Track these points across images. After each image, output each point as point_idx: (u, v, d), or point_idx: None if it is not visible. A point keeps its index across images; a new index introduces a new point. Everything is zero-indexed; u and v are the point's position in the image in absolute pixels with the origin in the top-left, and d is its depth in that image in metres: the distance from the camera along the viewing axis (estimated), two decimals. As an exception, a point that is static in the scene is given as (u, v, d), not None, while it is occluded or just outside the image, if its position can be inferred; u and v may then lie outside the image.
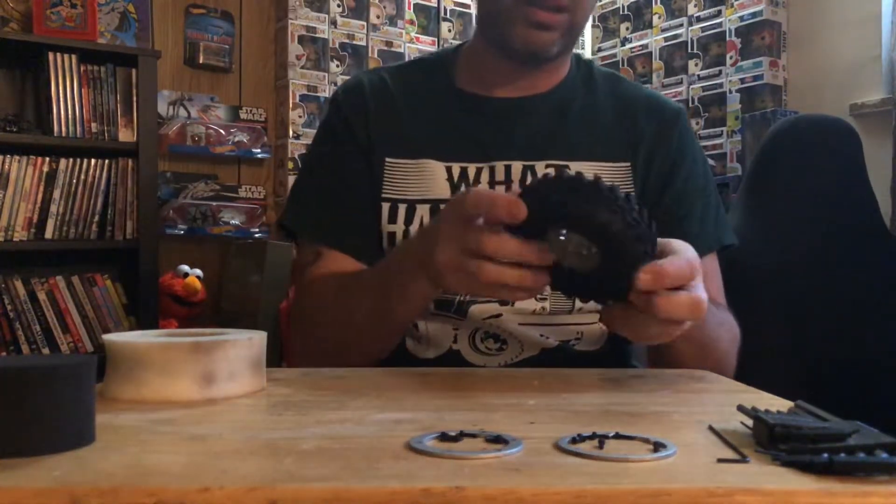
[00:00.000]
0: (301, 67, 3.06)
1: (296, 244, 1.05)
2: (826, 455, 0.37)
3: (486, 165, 0.95)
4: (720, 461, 0.40)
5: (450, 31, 3.39)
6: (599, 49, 3.33)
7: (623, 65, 3.20)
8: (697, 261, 0.63)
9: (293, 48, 3.06)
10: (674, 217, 0.95)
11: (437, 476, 0.36)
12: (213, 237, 2.91)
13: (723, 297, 0.98)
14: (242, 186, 3.02)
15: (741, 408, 0.48)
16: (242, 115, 3.06)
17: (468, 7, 3.44)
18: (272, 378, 0.64)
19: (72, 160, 2.50)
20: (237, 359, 0.58)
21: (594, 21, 3.32)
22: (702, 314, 0.62)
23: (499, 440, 0.43)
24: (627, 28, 3.21)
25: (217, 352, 0.57)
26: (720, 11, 2.82)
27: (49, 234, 2.46)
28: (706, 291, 0.93)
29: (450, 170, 0.95)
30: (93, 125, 2.54)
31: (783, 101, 2.70)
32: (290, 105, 3.03)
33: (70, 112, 2.50)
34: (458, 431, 0.45)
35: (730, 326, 0.89)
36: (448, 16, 3.40)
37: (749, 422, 0.45)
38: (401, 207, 0.94)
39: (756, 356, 0.92)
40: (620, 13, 3.24)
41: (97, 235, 2.54)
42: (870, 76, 2.46)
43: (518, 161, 0.94)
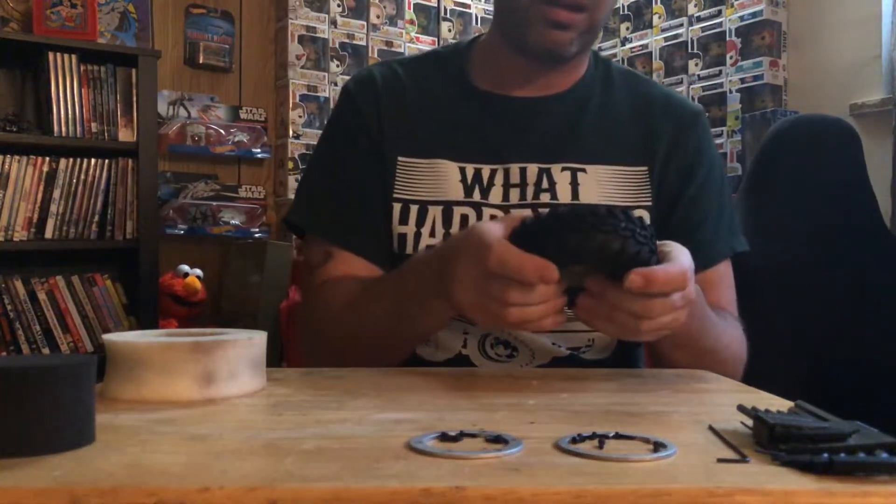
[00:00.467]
0: (301, 67, 3.06)
1: (302, 241, 1.03)
2: (826, 455, 0.37)
3: (501, 167, 0.93)
4: (720, 461, 0.40)
5: (450, 31, 3.39)
6: (600, 49, 3.33)
7: (623, 65, 3.20)
8: (691, 269, 0.64)
9: (293, 48, 3.06)
10: (689, 223, 0.94)
11: (437, 476, 0.36)
12: (213, 237, 2.91)
13: (734, 306, 0.96)
14: (242, 186, 3.02)
15: (741, 408, 0.48)
16: (242, 115, 3.06)
17: (468, 7, 3.44)
18: (272, 378, 0.64)
19: (72, 160, 2.50)
20: (237, 359, 0.58)
21: (594, 21, 3.31)
22: (677, 322, 0.64)
23: (499, 440, 0.43)
24: (627, 28, 3.20)
25: (217, 352, 0.57)
26: (720, 11, 2.82)
27: (49, 234, 2.46)
28: (718, 299, 0.93)
29: (463, 171, 0.93)
30: (93, 125, 2.54)
31: (783, 101, 2.70)
32: (291, 105, 3.03)
33: (70, 112, 2.50)
34: (459, 431, 0.45)
35: (730, 341, 0.88)
36: (448, 16, 3.40)
37: (749, 422, 0.45)
38: (412, 208, 0.92)
39: (756, 356, 0.92)
40: (620, 13, 3.23)
41: (97, 235, 2.54)
42: (870, 76, 2.46)
43: (533, 163, 0.93)
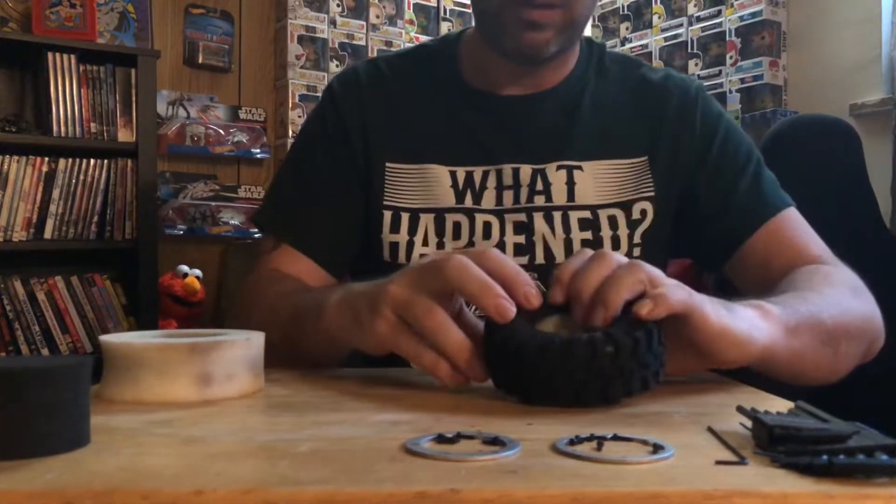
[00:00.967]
0: (300, 67, 3.06)
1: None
2: (825, 457, 0.37)
3: (493, 168, 0.91)
4: (718, 463, 0.39)
5: (449, 31, 3.39)
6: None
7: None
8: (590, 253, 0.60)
9: (293, 48, 3.05)
10: (718, 189, 0.90)
11: (434, 478, 0.36)
12: (213, 237, 2.91)
13: (813, 247, 0.89)
14: (242, 186, 3.02)
15: (740, 408, 0.47)
16: (242, 116, 3.06)
17: (468, 7, 3.44)
18: (270, 379, 0.64)
19: (71, 160, 2.50)
20: (235, 360, 0.58)
21: (594, 21, 3.32)
22: (672, 293, 0.54)
23: (496, 442, 0.43)
24: (627, 28, 3.20)
25: (214, 353, 0.56)
26: (720, 11, 2.82)
27: (48, 235, 2.46)
28: (794, 249, 0.86)
29: (454, 174, 0.90)
30: (92, 125, 2.54)
31: (783, 101, 2.70)
32: (290, 105, 3.03)
33: (69, 112, 2.50)
34: (456, 433, 0.44)
35: (837, 320, 0.75)
36: (448, 15, 3.40)
37: (748, 423, 0.45)
38: (403, 216, 0.90)
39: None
40: (620, 13, 3.23)
41: (96, 236, 2.54)
42: (870, 76, 2.46)
43: (527, 164, 0.90)
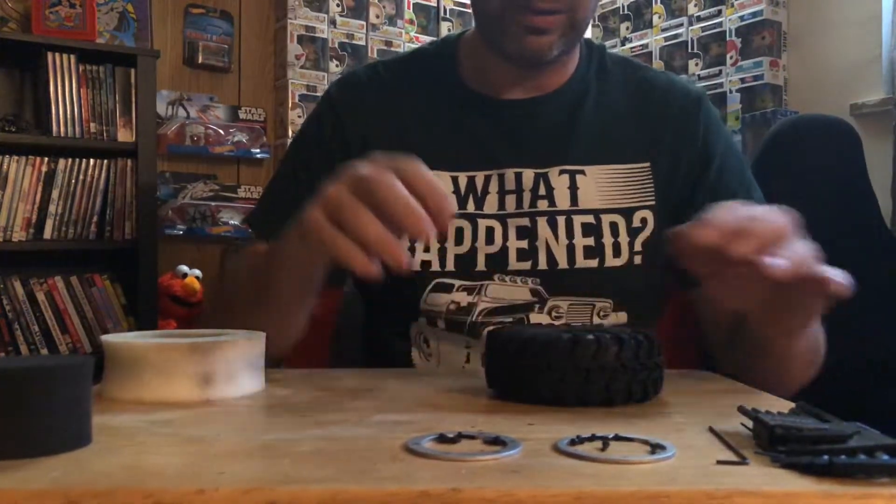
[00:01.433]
0: (300, 67, 3.06)
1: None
2: (826, 457, 0.37)
3: (496, 172, 0.90)
4: (719, 463, 0.39)
5: (449, 31, 3.39)
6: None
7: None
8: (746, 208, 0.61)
9: (292, 48, 3.05)
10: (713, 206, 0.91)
11: (435, 478, 0.36)
12: (213, 237, 2.90)
13: None
14: (241, 186, 3.02)
15: (741, 409, 0.47)
16: (241, 115, 3.06)
17: (468, 7, 3.44)
18: (271, 379, 0.64)
19: (70, 160, 2.50)
20: (236, 360, 0.58)
21: (594, 21, 3.32)
22: (806, 257, 0.58)
23: (497, 441, 0.43)
24: (627, 28, 3.20)
25: (215, 353, 0.57)
26: (720, 11, 2.82)
27: (48, 235, 2.46)
28: None
29: (456, 180, 0.90)
30: (91, 125, 2.54)
31: (783, 101, 2.70)
32: (290, 105, 3.02)
33: (69, 112, 2.50)
34: (457, 433, 0.44)
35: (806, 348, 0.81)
36: (448, 15, 3.40)
37: (749, 423, 0.45)
38: None
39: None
40: (620, 13, 3.23)
41: (96, 236, 2.54)
42: (870, 76, 2.46)
43: (529, 168, 0.90)
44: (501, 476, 0.37)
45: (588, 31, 0.98)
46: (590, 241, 0.89)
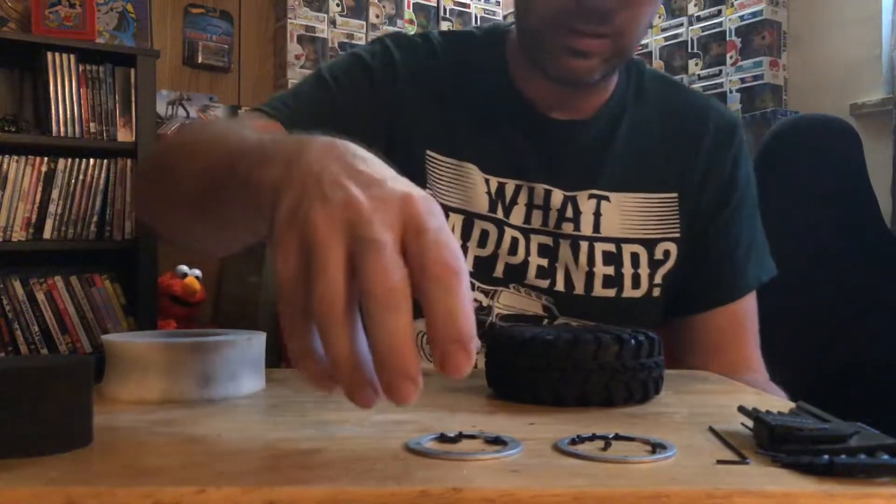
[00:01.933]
0: (300, 67, 3.06)
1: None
2: (827, 456, 0.37)
3: (526, 185, 0.87)
4: (720, 462, 0.39)
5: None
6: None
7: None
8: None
9: (292, 48, 3.05)
10: (717, 251, 0.90)
11: (435, 477, 0.36)
12: (213, 237, 2.90)
13: (757, 350, 0.91)
14: (242, 186, 3.02)
15: (742, 409, 0.47)
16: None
17: (468, 7, 3.44)
18: (272, 379, 0.64)
19: (70, 160, 2.50)
20: (236, 359, 0.58)
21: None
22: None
23: (498, 441, 0.43)
24: (627, 28, 3.21)
25: (216, 352, 0.56)
26: (720, 11, 2.82)
27: (47, 235, 2.46)
28: (741, 345, 0.88)
29: (488, 182, 0.87)
30: (91, 125, 2.54)
31: (783, 101, 2.70)
32: (290, 105, 3.03)
33: (68, 112, 2.50)
34: (458, 432, 0.44)
35: None
36: (448, 15, 3.40)
37: (750, 423, 0.45)
38: None
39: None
40: (620, 13, 3.24)
41: (96, 236, 2.54)
42: (870, 76, 2.46)
43: (559, 190, 0.87)
44: (502, 476, 0.37)
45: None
46: (609, 271, 0.87)
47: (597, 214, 0.87)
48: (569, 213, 0.87)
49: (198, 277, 2.76)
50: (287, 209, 0.40)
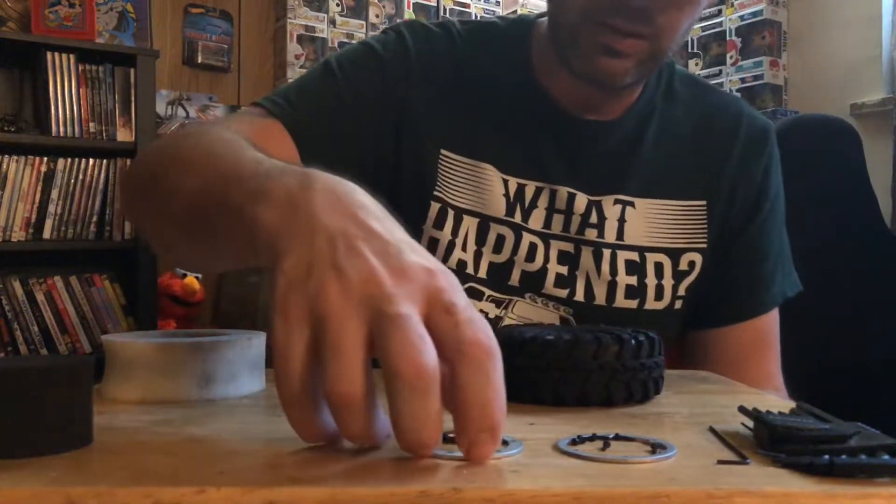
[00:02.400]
0: (300, 67, 3.06)
1: None
2: (827, 457, 0.37)
3: (548, 187, 0.83)
4: (720, 463, 0.39)
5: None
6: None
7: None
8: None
9: (292, 48, 3.05)
10: (744, 264, 0.86)
11: (436, 477, 0.36)
12: (212, 237, 2.90)
13: (778, 368, 0.88)
14: (241, 186, 3.02)
15: (742, 409, 0.47)
16: (241, 115, 3.06)
17: (468, 7, 3.44)
18: (272, 379, 0.64)
19: (70, 160, 2.50)
20: (236, 360, 0.58)
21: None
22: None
23: (498, 441, 0.43)
24: (627, 28, 3.21)
25: (216, 353, 0.56)
26: (720, 11, 2.82)
27: (47, 235, 2.46)
28: (762, 362, 0.85)
29: (507, 183, 0.82)
30: (91, 125, 2.54)
31: (783, 101, 2.70)
32: (290, 105, 3.03)
33: (68, 112, 2.50)
34: (457, 432, 0.44)
35: None
36: (448, 15, 3.40)
37: (750, 423, 0.45)
38: (450, 213, 0.81)
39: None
40: (620, 13, 3.24)
41: (95, 236, 2.54)
42: (870, 76, 2.46)
43: (583, 193, 0.83)
44: (501, 476, 0.37)
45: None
46: (632, 281, 0.83)
47: (621, 221, 0.83)
48: (593, 219, 0.83)
49: (197, 278, 2.76)
50: (294, 272, 0.38)
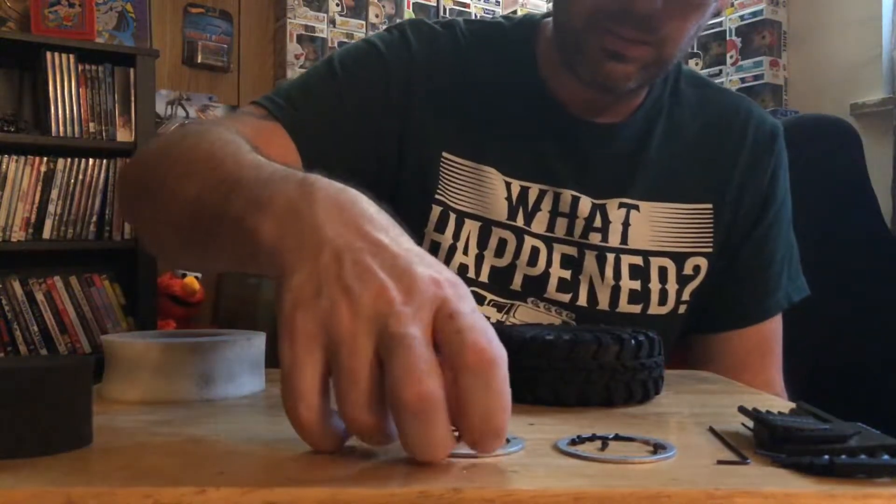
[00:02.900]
0: (300, 67, 3.06)
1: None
2: (827, 457, 0.37)
3: (552, 190, 0.82)
4: (720, 463, 0.39)
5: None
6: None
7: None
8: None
9: (292, 47, 3.05)
10: (749, 268, 0.85)
11: (435, 477, 0.36)
12: (212, 237, 2.90)
13: (780, 374, 0.87)
14: (241, 186, 3.02)
15: (742, 409, 0.47)
16: (241, 115, 3.06)
17: (468, 7, 3.44)
18: (272, 379, 0.64)
19: (70, 160, 2.50)
20: (236, 360, 0.58)
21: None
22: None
23: (498, 441, 0.43)
24: (627, 28, 3.21)
25: (216, 353, 0.56)
26: (720, 11, 2.83)
27: (47, 235, 2.46)
28: (765, 367, 0.84)
29: (509, 186, 0.81)
30: (91, 125, 2.54)
31: (783, 101, 2.70)
32: (289, 105, 3.03)
33: (68, 112, 2.50)
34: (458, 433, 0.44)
35: None
36: (448, 15, 3.40)
37: (750, 423, 0.45)
38: (451, 217, 0.81)
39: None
40: (620, 13, 3.24)
41: (95, 236, 2.54)
42: (870, 76, 2.46)
43: (587, 197, 0.82)
44: (501, 476, 0.37)
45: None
46: (636, 286, 0.82)
47: (625, 225, 0.82)
48: (597, 223, 0.82)
49: (197, 278, 2.76)
50: (301, 291, 0.38)
